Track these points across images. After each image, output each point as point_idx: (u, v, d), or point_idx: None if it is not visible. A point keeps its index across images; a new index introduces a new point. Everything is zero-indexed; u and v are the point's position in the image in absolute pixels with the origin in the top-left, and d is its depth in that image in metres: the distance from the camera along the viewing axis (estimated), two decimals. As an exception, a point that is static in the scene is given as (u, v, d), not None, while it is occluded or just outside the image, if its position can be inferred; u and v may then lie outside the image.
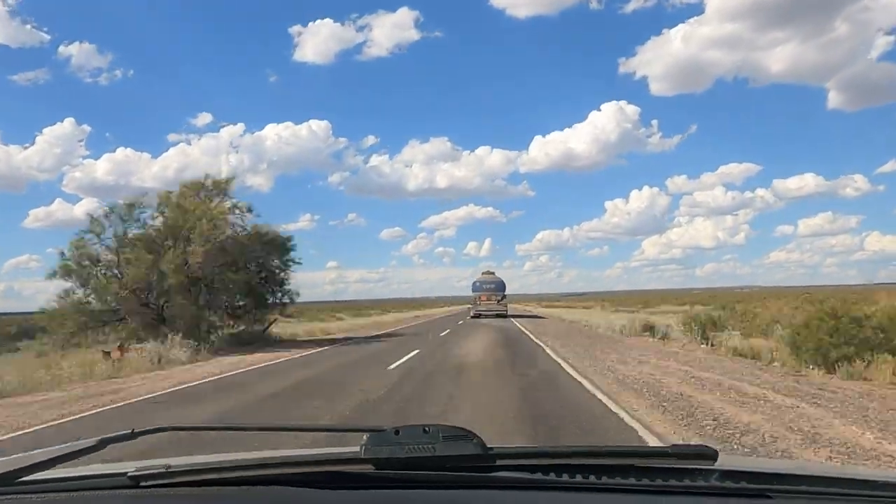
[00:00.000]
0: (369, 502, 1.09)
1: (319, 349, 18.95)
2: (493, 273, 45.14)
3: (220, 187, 22.00)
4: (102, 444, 1.26)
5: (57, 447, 1.26)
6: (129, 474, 1.18)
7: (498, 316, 40.10)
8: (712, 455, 1.15)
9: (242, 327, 22.56)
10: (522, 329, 26.40)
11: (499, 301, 41.68)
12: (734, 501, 1.12)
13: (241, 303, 22.38)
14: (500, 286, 43.07)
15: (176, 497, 1.14)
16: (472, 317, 40.39)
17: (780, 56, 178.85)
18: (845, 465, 4.84)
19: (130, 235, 20.23)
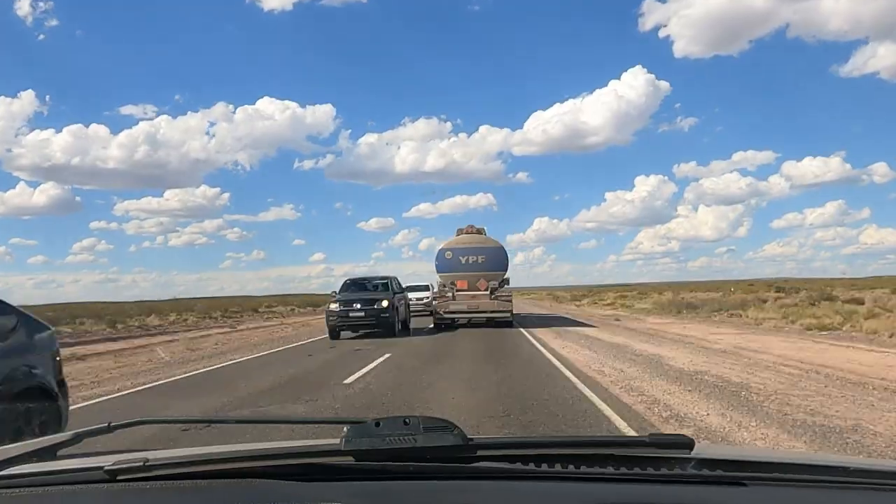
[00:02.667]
0: (350, 494, 1.09)
1: None
2: (480, 231, 22.46)
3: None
4: (78, 437, 1.25)
5: (31, 441, 1.25)
6: (106, 468, 1.16)
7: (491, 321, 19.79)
8: (689, 444, 1.17)
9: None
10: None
11: (493, 292, 19.96)
12: (710, 489, 1.14)
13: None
14: (497, 258, 21.14)
15: (154, 491, 1.13)
16: (437, 325, 20.10)
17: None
18: (819, 452, 4.95)
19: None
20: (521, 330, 19.05)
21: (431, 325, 20.56)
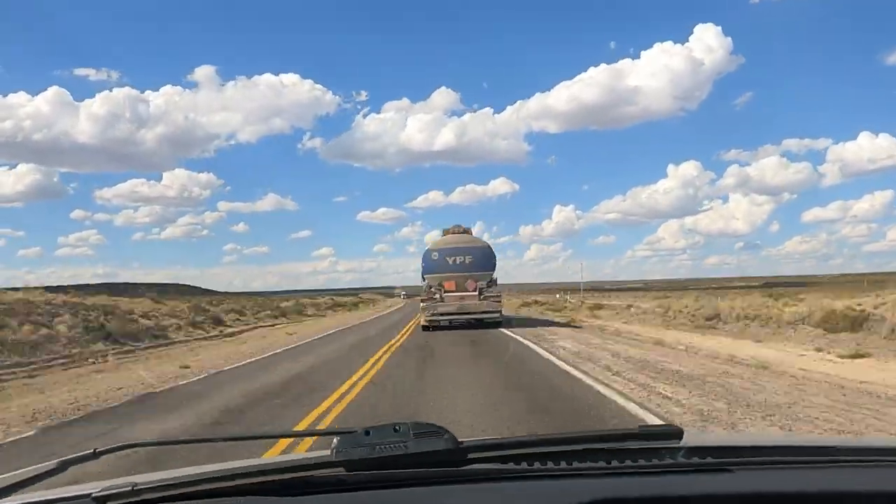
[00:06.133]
0: None
1: None
2: (467, 231, 22.10)
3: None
4: (63, 466, 1.22)
5: (15, 472, 1.22)
6: (94, 495, 1.14)
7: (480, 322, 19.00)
8: (678, 433, 1.19)
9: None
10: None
11: (482, 292, 19.37)
12: (698, 477, 1.15)
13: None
14: (484, 258, 20.23)
15: None
16: (425, 326, 19.29)
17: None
18: (806, 434, 5.02)
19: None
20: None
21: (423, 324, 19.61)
